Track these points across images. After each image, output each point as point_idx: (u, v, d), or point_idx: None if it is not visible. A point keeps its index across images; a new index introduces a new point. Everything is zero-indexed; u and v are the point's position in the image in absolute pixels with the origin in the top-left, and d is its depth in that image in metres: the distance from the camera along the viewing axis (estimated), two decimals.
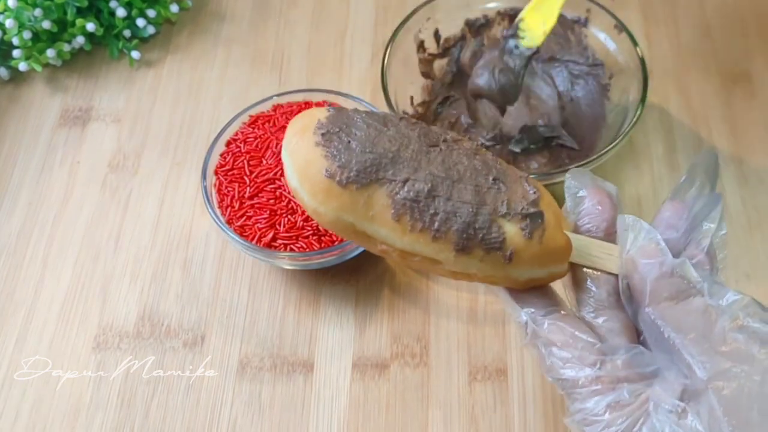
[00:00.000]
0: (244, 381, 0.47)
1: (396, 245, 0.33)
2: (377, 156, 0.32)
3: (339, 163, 0.32)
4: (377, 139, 0.33)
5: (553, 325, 0.32)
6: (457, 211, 0.32)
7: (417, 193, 0.32)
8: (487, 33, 0.59)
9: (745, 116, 0.58)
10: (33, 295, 0.51)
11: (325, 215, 0.33)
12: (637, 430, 0.30)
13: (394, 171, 0.32)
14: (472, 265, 0.33)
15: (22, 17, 0.58)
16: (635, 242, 0.33)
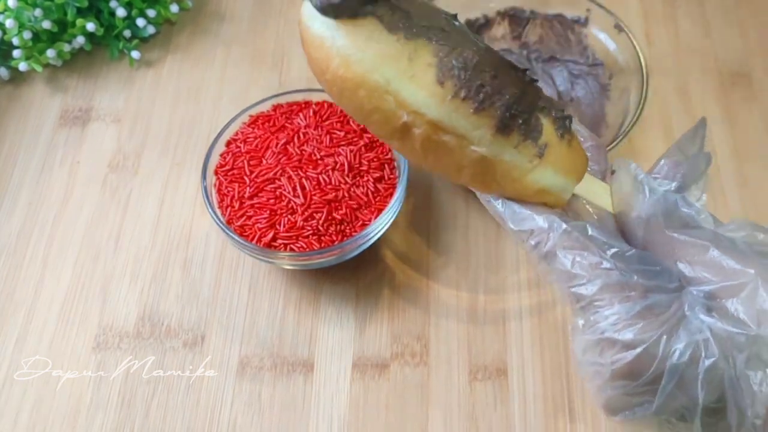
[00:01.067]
0: (244, 381, 0.47)
1: (430, 114, 0.30)
2: (430, 19, 0.30)
3: (388, 5, 0.29)
4: (430, 12, 0.31)
5: (570, 233, 0.31)
6: (502, 89, 0.30)
7: (466, 61, 0.30)
8: (487, 33, 0.59)
9: (745, 116, 0.58)
10: (33, 295, 0.51)
11: (359, 63, 0.29)
12: (677, 330, 0.28)
13: (443, 38, 0.30)
14: (506, 151, 0.31)
15: (22, 17, 0.58)
16: (633, 182, 0.33)
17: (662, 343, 0.28)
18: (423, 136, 0.30)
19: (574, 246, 0.30)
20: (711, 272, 0.29)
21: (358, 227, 0.47)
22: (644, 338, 0.28)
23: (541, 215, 0.31)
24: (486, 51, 0.31)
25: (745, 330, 0.28)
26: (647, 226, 0.32)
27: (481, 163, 0.31)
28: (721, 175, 0.55)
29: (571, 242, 0.30)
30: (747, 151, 0.56)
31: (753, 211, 0.53)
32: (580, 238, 0.30)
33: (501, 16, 0.58)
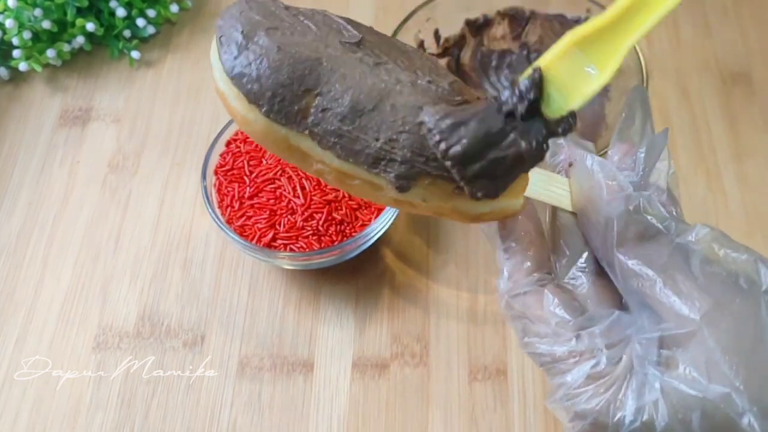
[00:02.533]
0: (244, 381, 0.47)
1: (332, 163, 0.29)
2: (291, 74, 0.29)
3: (253, 92, 0.29)
4: (296, 45, 0.29)
5: (531, 297, 0.31)
6: (395, 137, 0.29)
7: (341, 120, 0.29)
8: (487, 33, 0.59)
9: (745, 116, 0.58)
10: (33, 295, 0.51)
11: (255, 123, 0.29)
12: (623, 395, 0.28)
13: (315, 87, 0.29)
14: (416, 195, 0.30)
15: (22, 17, 0.58)
16: (592, 178, 0.31)
17: (611, 411, 0.27)
18: (337, 180, 0.30)
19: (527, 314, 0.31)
20: (660, 311, 0.28)
21: (358, 227, 0.47)
22: (592, 408, 0.28)
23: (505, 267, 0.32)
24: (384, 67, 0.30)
25: (695, 387, 0.26)
26: (603, 238, 0.30)
27: (400, 202, 0.30)
28: (722, 174, 0.55)
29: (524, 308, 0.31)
30: (747, 151, 0.56)
31: (753, 212, 0.53)
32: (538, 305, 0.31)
33: (501, 16, 0.58)
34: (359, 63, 0.30)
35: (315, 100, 0.29)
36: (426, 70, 0.31)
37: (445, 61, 0.58)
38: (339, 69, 0.29)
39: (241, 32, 0.29)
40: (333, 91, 0.29)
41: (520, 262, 0.32)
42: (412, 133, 0.29)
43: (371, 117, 0.29)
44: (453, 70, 0.58)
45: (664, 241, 0.29)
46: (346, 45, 0.30)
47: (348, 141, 0.29)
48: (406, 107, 0.29)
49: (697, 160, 0.56)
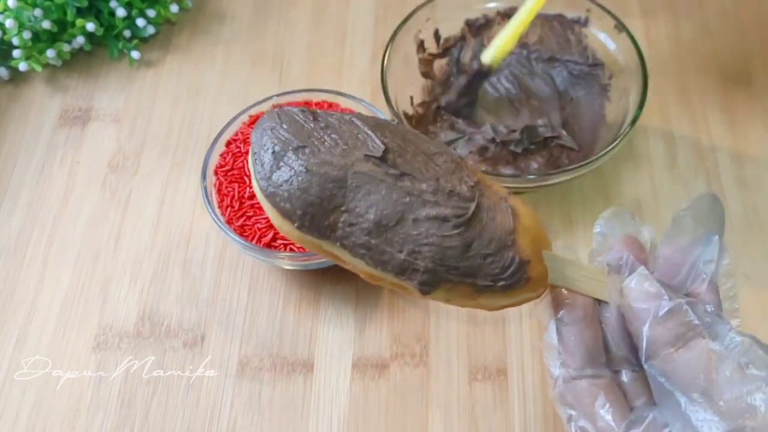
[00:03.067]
0: (244, 381, 0.47)
1: (360, 267, 0.32)
2: (319, 194, 0.31)
3: (285, 209, 0.32)
4: (323, 165, 0.32)
5: (583, 392, 0.32)
6: (418, 249, 0.31)
7: (368, 234, 0.31)
8: (487, 33, 0.59)
9: (745, 116, 0.58)
10: (33, 295, 0.51)
11: (290, 233, 0.32)
12: None
13: (342, 204, 0.32)
14: (439, 296, 0.32)
15: (22, 17, 0.58)
16: (625, 286, 0.32)
17: None
18: (369, 278, 0.33)
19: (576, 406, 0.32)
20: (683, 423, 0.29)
21: None
22: None
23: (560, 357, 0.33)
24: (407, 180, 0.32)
25: None
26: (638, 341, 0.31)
27: (428, 299, 0.33)
28: (721, 175, 0.55)
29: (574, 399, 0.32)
30: (747, 152, 0.56)
31: (752, 212, 0.53)
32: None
33: (501, 16, 0.58)
34: (383, 177, 0.32)
35: (342, 216, 0.32)
36: (448, 175, 0.33)
37: (445, 61, 0.58)
38: (364, 186, 0.32)
39: (272, 152, 0.32)
40: (358, 208, 0.31)
41: (574, 350, 0.33)
42: (434, 245, 0.31)
43: (395, 231, 0.31)
44: (453, 70, 0.58)
45: (696, 347, 0.30)
46: (371, 159, 0.32)
47: (375, 253, 0.32)
48: (427, 220, 0.31)
49: (696, 160, 0.56)
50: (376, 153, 0.32)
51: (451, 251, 0.31)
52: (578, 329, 0.33)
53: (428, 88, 0.57)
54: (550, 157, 0.54)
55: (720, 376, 0.29)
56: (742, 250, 0.52)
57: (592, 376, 0.32)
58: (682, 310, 0.30)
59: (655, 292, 0.31)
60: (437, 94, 0.57)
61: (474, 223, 0.32)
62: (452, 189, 0.32)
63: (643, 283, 0.32)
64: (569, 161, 0.54)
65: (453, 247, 0.31)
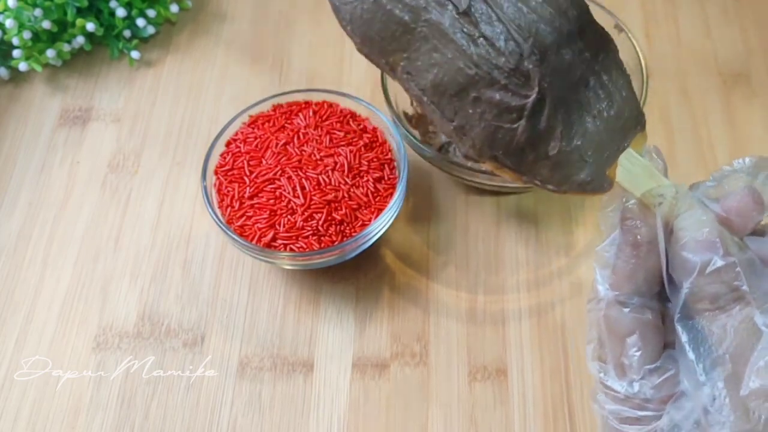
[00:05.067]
0: (244, 381, 0.47)
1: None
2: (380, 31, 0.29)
3: (347, 29, 0.29)
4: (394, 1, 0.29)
5: (623, 321, 0.29)
6: (468, 127, 0.29)
7: (422, 90, 0.29)
8: None
9: (745, 116, 0.58)
10: (33, 295, 0.51)
11: None
12: None
13: (404, 50, 0.29)
14: (488, 165, 0.30)
15: (22, 17, 0.58)
16: (686, 224, 0.28)
17: None
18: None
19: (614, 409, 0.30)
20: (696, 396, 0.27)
21: (358, 227, 0.47)
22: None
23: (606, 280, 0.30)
24: None
25: None
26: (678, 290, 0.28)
27: None
28: None
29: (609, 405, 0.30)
30: (747, 152, 0.56)
31: None
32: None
33: None
34: (456, 35, 0.28)
35: (402, 61, 0.29)
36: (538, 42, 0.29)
37: None
38: (431, 39, 0.28)
39: None
40: (420, 61, 0.29)
41: (629, 275, 0.29)
42: (487, 131, 0.28)
43: (451, 101, 0.29)
44: None
45: (737, 316, 0.26)
46: (453, 11, 0.28)
47: (427, 108, 0.29)
48: (491, 103, 0.28)
49: (696, 160, 0.56)
50: (460, 6, 0.28)
51: (505, 144, 0.28)
52: (641, 253, 0.29)
53: None
54: None
55: (754, 359, 0.25)
56: None
57: (639, 307, 0.29)
58: (734, 271, 0.26)
59: (709, 243, 0.27)
60: None
61: (541, 119, 0.28)
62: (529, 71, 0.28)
63: (701, 229, 0.28)
64: None
65: (507, 141, 0.28)
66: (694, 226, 0.28)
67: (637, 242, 0.29)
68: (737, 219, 0.29)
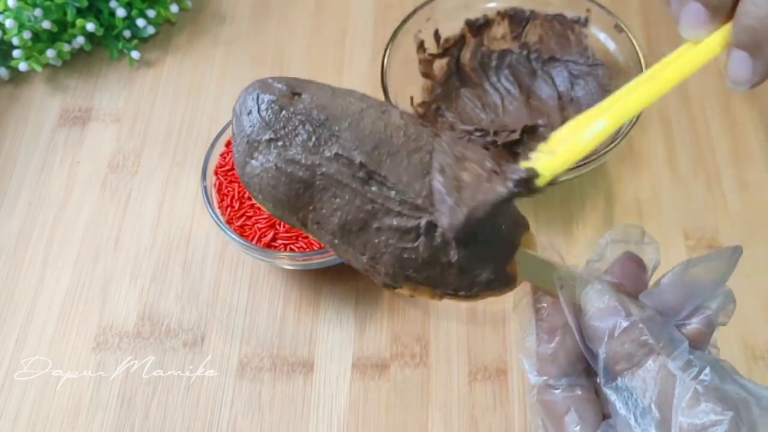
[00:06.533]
0: (244, 381, 0.47)
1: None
2: (287, 192, 0.32)
3: (259, 199, 0.33)
4: (292, 164, 0.32)
5: (557, 404, 0.31)
6: (378, 256, 0.32)
7: (332, 234, 0.33)
8: (487, 33, 0.59)
9: (745, 117, 0.58)
10: (33, 295, 0.51)
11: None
12: None
13: (309, 204, 0.33)
14: (405, 291, 0.33)
15: (22, 17, 0.58)
16: (583, 297, 0.31)
17: None
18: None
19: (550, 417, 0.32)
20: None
21: None
22: None
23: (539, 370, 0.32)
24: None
25: None
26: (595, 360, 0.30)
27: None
28: (721, 176, 0.55)
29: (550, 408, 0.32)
30: (747, 152, 0.56)
31: (752, 214, 0.53)
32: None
33: (501, 16, 0.58)
34: (349, 180, 0.32)
35: (310, 215, 0.33)
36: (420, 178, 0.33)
37: (445, 61, 0.58)
38: (330, 188, 0.32)
39: (246, 141, 0.33)
40: (324, 209, 0.32)
41: (551, 358, 0.32)
42: (394, 254, 0.32)
43: (358, 236, 0.32)
44: (453, 70, 0.58)
45: (652, 368, 0.28)
46: (341, 159, 0.33)
47: (340, 251, 0.33)
48: (389, 229, 0.32)
49: (696, 162, 0.56)
50: (346, 154, 0.32)
51: (411, 262, 0.32)
52: (558, 337, 0.32)
53: (428, 88, 0.57)
54: None
55: (676, 403, 0.27)
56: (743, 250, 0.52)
57: (569, 386, 0.31)
58: (638, 329, 0.29)
59: (612, 309, 0.30)
60: (437, 95, 0.57)
61: (435, 235, 0.32)
62: (417, 199, 0.32)
63: (598, 300, 0.30)
64: None
65: (413, 259, 0.32)
66: (596, 298, 0.30)
67: (551, 328, 0.32)
68: (628, 282, 0.32)
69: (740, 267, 0.51)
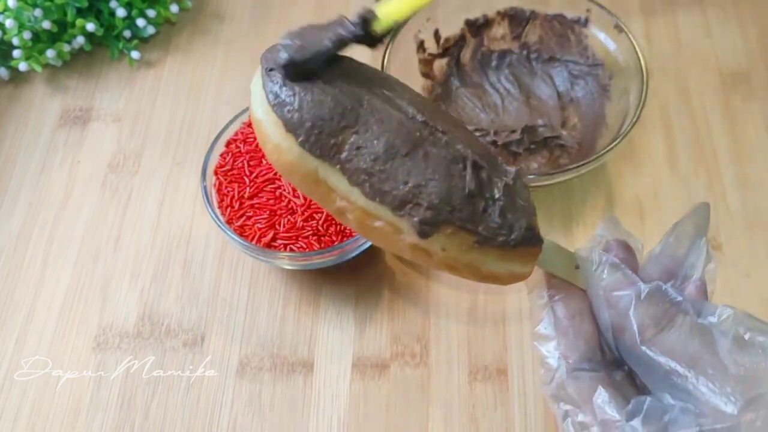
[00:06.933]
0: (244, 381, 0.47)
1: (358, 201, 0.31)
2: (332, 110, 0.30)
3: (292, 121, 0.30)
4: (340, 86, 0.31)
5: (583, 385, 0.31)
6: (424, 183, 0.30)
7: (374, 159, 0.30)
8: (487, 33, 0.59)
9: (745, 116, 0.58)
10: (33, 295, 0.51)
11: (288, 153, 0.31)
12: None
13: (353, 125, 0.31)
14: (436, 242, 0.31)
15: (22, 17, 0.58)
16: (600, 276, 0.32)
17: None
18: (357, 221, 0.31)
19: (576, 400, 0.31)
20: (696, 403, 0.28)
21: None
22: None
23: (554, 353, 0.32)
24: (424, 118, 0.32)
25: None
26: (621, 332, 0.31)
27: (418, 250, 0.31)
28: (722, 175, 0.55)
29: (574, 394, 0.31)
30: (747, 152, 0.56)
31: (753, 212, 0.53)
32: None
33: (501, 16, 0.58)
34: (399, 112, 0.31)
35: (351, 137, 0.31)
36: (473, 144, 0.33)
37: (445, 61, 0.58)
38: (378, 113, 0.31)
39: (286, 66, 0.31)
40: (370, 132, 0.30)
41: (573, 343, 0.32)
42: (442, 181, 0.30)
43: (403, 161, 0.30)
44: (453, 70, 0.58)
45: (684, 324, 0.30)
46: (391, 99, 0.32)
47: (378, 180, 0.30)
48: (439, 157, 0.31)
49: (697, 161, 0.56)
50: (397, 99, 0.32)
51: (458, 193, 0.30)
52: (576, 322, 0.32)
53: (428, 88, 0.57)
54: (550, 157, 0.54)
55: (720, 348, 0.28)
56: (743, 249, 0.52)
57: (591, 370, 0.32)
58: (662, 291, 0.30)
59: (630, 278, 0.31)
60: (437, 95, 0.57)
61: (481, 172, 0.31)
62: (468, 150, 0.31)
63: (616, 273, 0.32)
64: (569, 161, 0.54)
65: (460, 189, 0.30)
66: (612, 271, 0.32)
67: (570, 314, 0.33)
68: (625, 263, 0.33)
69: (740, 267, 0.51)
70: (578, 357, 0.32)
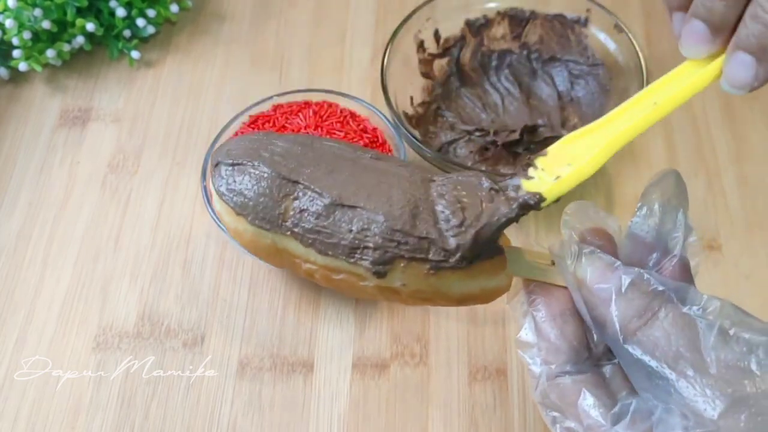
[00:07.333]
0: (244, 381, 0.47)
1: (318, 261, 0.32)
2: (270, 183, 0.32)
3: (238, 204, 0.33)
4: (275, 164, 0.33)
5: (567, 389, 0.30)
6: (366, 226, 0.31)
7: (317, 217, 0.32)
8: (487, 33, 0.59)
9: (745, 117, 0.58)
10: (33, 295, 0.51)
11: (245, 233, 0.33)
12: None
13: (293, 192, 0.32)
14: (395, 279, 0.31)
15: (22, 17, 0.58)
16: (576, 268, 0.30)
17: None
18: (324, 278, 0.33)
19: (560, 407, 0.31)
20: (677, 404, 0.28)
21: None
22: None
23: (540, 357, 0.32)
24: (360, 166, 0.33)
25: None
26: (603, 326, 0.30)
27: (385, 291, 0.32)
28: (722, 175, 0.55)
29: (558, 400, 0.31)
30: (747, 151, 0.56)
31: (753, 213, 0.53)
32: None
33: (501, 16, 0.58)
34: (330, 168, 0.33)
35: (293, 204, 0.32)
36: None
37: (445, 61, 0.58)
38: (315, 177, 0.33)
39: (230, 163, 0.33)
40: (309, 193, 0.32)
41: (555, 346, 0.31)
42: (383, 219, 0.31)
43: (344, 211, 0.32)
44: (453, 70, 0.58)
45: (667, 317, 0.28)
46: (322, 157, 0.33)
47: (326, 236, 0.32)
48: (377, 197, 0.32)
49: (697, 161, 0.56)
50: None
51: (400, 225, 0.31)
52: (558, 324, 0.31)
53: (428, 88, 0.57)
54: None
55: (704, 343, 0.27)
56: (743, 249, 0.52)
57: (576, 372, 0.31)
58: (644, 280, 0.29)
59: (609, 266, 0.30)
60: (437, 95, 0.57)
61: (421, 195, 0.32)
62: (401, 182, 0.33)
63: (595, 262, 0.30)
64: None
65: (403, 221, 0.31)
66: (591, 261, 0.30)
67: (550, 317, 0.32)
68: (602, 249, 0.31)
69: (740, 267, 0.51)
70: (562, 360, 0.31)
